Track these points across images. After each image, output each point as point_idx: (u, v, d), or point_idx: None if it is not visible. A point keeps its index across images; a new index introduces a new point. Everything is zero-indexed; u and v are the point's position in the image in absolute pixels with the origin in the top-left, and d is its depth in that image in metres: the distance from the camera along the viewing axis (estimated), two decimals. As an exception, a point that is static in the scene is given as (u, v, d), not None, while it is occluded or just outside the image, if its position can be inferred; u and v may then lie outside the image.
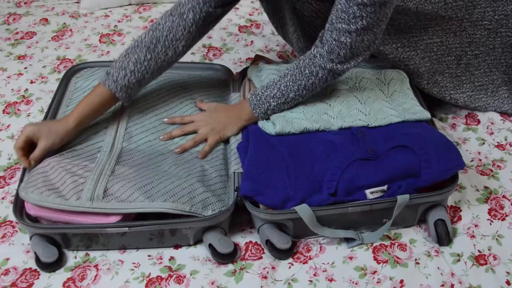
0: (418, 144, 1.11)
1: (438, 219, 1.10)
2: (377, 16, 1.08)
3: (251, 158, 1.13)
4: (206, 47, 1.71)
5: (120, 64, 1.17)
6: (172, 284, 1.05)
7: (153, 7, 1.94)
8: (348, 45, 1.11)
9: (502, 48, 1.34)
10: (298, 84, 1.18)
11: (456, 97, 1.37)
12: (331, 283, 1.04)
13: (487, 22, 1.30)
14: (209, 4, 1.16)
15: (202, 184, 1.12)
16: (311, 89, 1.19)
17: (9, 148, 1.34)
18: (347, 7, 1.07)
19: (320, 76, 1.17)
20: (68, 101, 1.35)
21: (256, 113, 1.21)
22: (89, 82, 1.39)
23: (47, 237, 1.08)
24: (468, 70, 1.37)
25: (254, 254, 1.10)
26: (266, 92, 1.20)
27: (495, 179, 1.25)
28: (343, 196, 1.08)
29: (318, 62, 1.15)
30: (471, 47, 1.33)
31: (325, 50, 1.14)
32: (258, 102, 1.20)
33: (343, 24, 1.08)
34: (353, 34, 1.09)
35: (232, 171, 1.16)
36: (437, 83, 1.35)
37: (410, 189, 1.08)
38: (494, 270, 1.07)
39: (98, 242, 1.10)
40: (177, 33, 1.17)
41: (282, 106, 1.21)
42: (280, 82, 1.19)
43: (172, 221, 1.06)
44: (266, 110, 1.20)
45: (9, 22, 1.86)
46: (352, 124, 1.21)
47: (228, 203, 1.10)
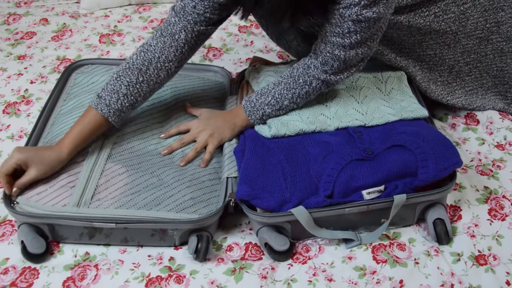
0: (415, 143, 1.11)
1: (437, 218, 1.09)
2: (371, 31, 1.08)
3: (248, 162, 1.13)
4: (206, 48, 1.71)
5: (112, 87, 1.13)
6: (172, 284, 1.05)
7: (153, 7, 1.94)
8: (342, 58, 1.11)
9: (493, 54, 1.35)
10: (292, 92, 1.18)
11: (453, 102, 1.38)
12: (331, 283, 1.04)
13: (479, 31, 1.30)
14: (200, 23, 1.13)
15: (191, 189, 1.12)
16: (305, 97, 1.20)
17: (9, 148, 1.34)
18: (341, 22, 1.07)
19: (314, 86, 1.17)
20: (66, 96, 1.35)
21: (251, 119, 1.21)
22: (89, 78, 1.39)
23: (36, 227, 1.08)
24: (459, 77, 1.37)
25: (254, 255, 1.10)
26: (261, 99, 1.20)
27: (495, 179, 1.25)
28: (340, 197, 1.08)
29: (312, 72, 1.16)
30: (464, 56, 1.34)
31: (319, 62, 1.14)
32: (253, 108, 1.20)
33: (337, 38, 1.09)
34: (347, 47, 1.09)
35: (225, 176, 1.16)
36: (433, 91, 1.36)
37: (407, 189, 1.08)
38: (494, 270, 1.07)
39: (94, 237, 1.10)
40: (169, 54, 1.14)
41: (277, 112, 1.21)
42: (275, 90, 1.19)
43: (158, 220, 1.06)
44: (262, 116, 1.20)
45: (9, 22, 1.86)
46: (349, 124, 1.20)
47: (217, 207, 1.10)
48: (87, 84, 1.37)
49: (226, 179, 1.15)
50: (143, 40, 1.76)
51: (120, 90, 1.12)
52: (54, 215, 1.06)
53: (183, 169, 1.17)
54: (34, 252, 1.06)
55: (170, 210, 1.08)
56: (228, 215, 1.14)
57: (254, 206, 1.08)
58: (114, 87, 1.13)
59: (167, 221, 1.06)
